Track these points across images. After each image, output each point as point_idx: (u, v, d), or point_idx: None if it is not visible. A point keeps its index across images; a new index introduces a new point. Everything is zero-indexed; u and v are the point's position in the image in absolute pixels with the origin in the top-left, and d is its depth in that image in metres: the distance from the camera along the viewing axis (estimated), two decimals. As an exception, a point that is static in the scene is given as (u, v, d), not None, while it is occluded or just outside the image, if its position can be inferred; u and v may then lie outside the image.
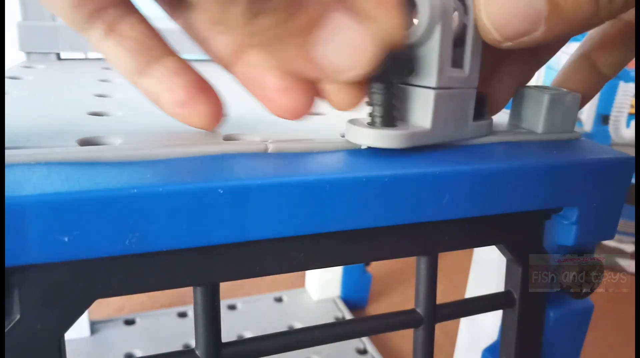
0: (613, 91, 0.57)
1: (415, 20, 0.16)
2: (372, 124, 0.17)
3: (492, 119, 0.20)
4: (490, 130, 0.20)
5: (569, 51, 0.60)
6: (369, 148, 0.18)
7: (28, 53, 0.31)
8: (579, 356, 0.23)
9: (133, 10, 0.16)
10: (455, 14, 0.17)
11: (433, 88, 0.17)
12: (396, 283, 0.56)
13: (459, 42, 0.18)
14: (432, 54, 0.16)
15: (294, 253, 0.16)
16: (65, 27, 0.31)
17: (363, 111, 0.17)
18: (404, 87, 0.18)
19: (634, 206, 0.56)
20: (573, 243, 0.20)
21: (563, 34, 0.16)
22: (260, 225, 0.15)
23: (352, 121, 0.17)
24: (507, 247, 0.20)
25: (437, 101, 0.17)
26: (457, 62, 0.18)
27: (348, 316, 0.47)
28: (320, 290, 0.49)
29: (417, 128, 0.17)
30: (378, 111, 0.17)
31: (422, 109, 0.17)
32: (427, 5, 0.16)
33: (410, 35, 0.16)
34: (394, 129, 0.17)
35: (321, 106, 0.24)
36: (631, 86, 0.55)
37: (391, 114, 0.17)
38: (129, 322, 0.43)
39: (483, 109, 0.20)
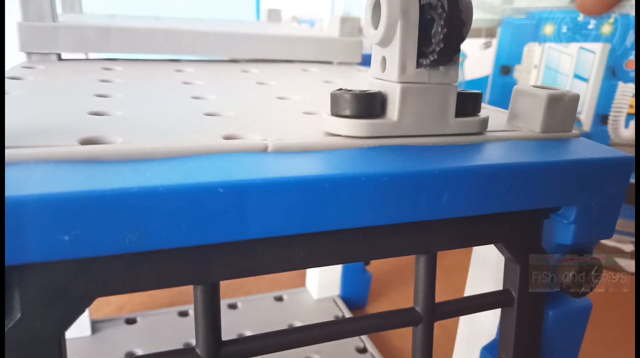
0: (612, 91, 0.57)
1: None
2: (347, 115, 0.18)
3: (487, 117, 0.20)
4: (485, 128, 0.20)
5: (568, 51, 0.60)
6: (369, 148, 0.18)
7: (29, 53, 0.31)
8: (578, 354, 0.23)
9: None
10: None
11: (397, 82, 0.18)
12: (395, 283, 0.56)
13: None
14: (394, 51, 0.18)
15: (294, 252, 0.17)
16: (65, 27, 0.32)
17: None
18: (381, 81, 0.19)
19: (634, 206, 0.56)
20: (571, 242, 0.20)
21: None
22: (260, 223, 0.15)
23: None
24: (505, 246, 0.20)
25: (404, 94, 0.18)
26: None
27: (348, 315, 0.47)
28: (320, 289, 0.49)
29: (384, 119, 0.18)
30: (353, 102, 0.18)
31: (392, 102, 0.18)
32: (385, 5, 0.17)
33: (376, 34, 0.18)
34: (357, 119, 0.18)
35: (319, 106, 0.24)
36: (630, 87, 0.55)
37: (369, 107, 0.18)
38: (130, 321, 0.43)
39: (475, 106, 0.20)
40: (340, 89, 0.19)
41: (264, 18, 0.56)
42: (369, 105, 0.18)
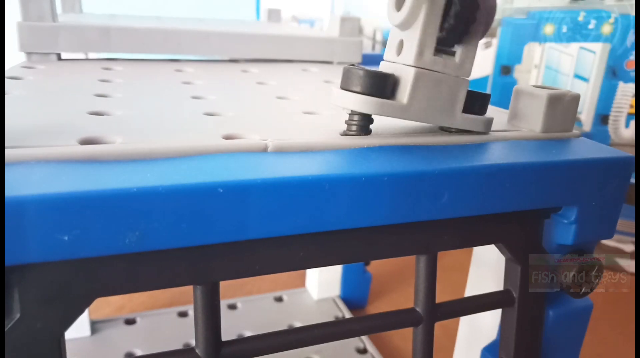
0: (612, 91, 0.57)
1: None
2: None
3: (492, 118, 0.20)
4: (489, 128, 0.20)
5: (569, 51, 0.60)
6: (369, 148, 0.18)
7: (28, 53, 0.31)
8: (579, 354, 0.23)
9: None
10: None
11: (412, 66, 0.18)
12: (396, 283, 0.56)
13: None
14: (414, 35, 0.17)
15: (294, 252, 0.17)
16: (65, 27, 0.31)
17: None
18: (394, 65, 0.19)
19: (634, 206, 0.56)
20: (572, 242, 0.20)
21: None
22: (260, 223, 0.15)
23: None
24: (506, 246, 0.20)
25: (417, 79, 0.18)
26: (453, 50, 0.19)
27: (348, 315, 0.47)
28: (320, 289, 0.49)
29: (393, 101, 0.18)
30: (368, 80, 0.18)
31: (404, 85, 0.18)
32: None
33: (398, 15, 0.18)
34: (366, 96, 0.18)
35: (319, 106, 0.24)
36: (630, 86, 0.55)
37: (380, 86, 0.18)
38: (130, 322, 0.43)
39: (483, 106, 0.20)
40: (354, 64, 0.18)
41: (264, 18, 0.56)
42: (381, 84, 0.18)
